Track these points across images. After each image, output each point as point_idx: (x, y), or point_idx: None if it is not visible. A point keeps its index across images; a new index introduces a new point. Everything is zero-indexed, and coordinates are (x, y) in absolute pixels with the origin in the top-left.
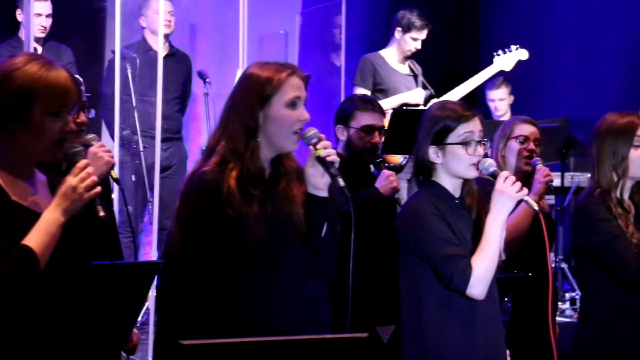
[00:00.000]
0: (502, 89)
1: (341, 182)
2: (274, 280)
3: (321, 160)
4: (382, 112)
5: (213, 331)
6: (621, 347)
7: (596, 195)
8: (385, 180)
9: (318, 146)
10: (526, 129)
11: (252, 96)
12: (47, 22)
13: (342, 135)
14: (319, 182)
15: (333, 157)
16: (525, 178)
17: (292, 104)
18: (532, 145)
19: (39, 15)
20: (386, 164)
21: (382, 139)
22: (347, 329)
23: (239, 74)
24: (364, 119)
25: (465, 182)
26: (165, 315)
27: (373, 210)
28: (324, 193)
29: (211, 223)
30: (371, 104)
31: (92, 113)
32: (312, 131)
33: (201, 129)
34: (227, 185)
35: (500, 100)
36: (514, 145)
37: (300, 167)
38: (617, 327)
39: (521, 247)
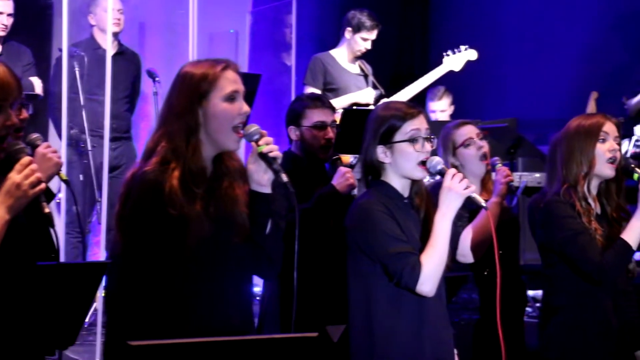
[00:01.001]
0: (443, 100)
1: (284, 178)
2: (218, 280)
3: (263, 157)
4: (332, 108)
5: (159, 332)
6: (587, 343)
7: (562, 192)
8: (342, 177)
9: (260, 142)
10: (465, 131)
11: (189, 94)
12: (8, 21)
13: (295, 136)
14: (261, 179)
15: (275, 153)
16: (483, 180)
17: (231, 98)
18: (480, 143)
19: (0, 13)
20: (341, 161)
21: (335, 134)
22: (292, 329)
23: None
24: (315, 116)
25: (414, 181)
26: (113, 316)
27: (331, 207)
28: (267, 189)
29: (153, 223)
30: (320, 101)
31: (31, 110)
32: (254, 128)
33: (151, 128)
34: (169, 184)
35: (441, 112)
36: (464, 151)
37: (243, 166)
38: (584, 323)
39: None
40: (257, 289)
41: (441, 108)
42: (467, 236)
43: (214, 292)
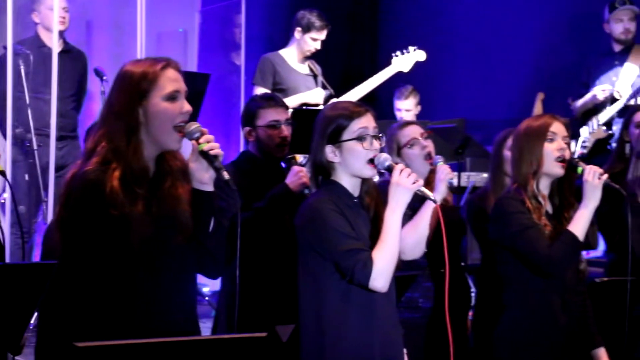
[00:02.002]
0: (410, 100)
1: (226, 175)
2: (161, 280)
3: (205, 155)
4: (285, 106)
5: (102, 333)
6: (535, 341)
7: (512, 190)
8: (294, 176)
9: (201, 140)
10: (410, 131)
11: (129, 93)
12: None
13: (251, 137)
14: (203, 177)
15: (216, 151)
16: (426, 177)
17: (172, 97)
18: (424, 143)
19: None
20: (296, 160)
21: (290, 132)
22: (235, 329)
23: None
24: (269, 115)
25: (364, 181)
26: (50, 318)
27: (284, 206)
28: (209, 187)
29: (94, 224)
30: (273, 100)
31: None
32: (194, 126)
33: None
34: (110, 185)
35: (407, 111)
36: (409, 151)
37: (186, 165)
38: (532, 320)
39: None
40: (206, 289)
41: (406, 107)
42: (407, 233)
43: (157, 292)
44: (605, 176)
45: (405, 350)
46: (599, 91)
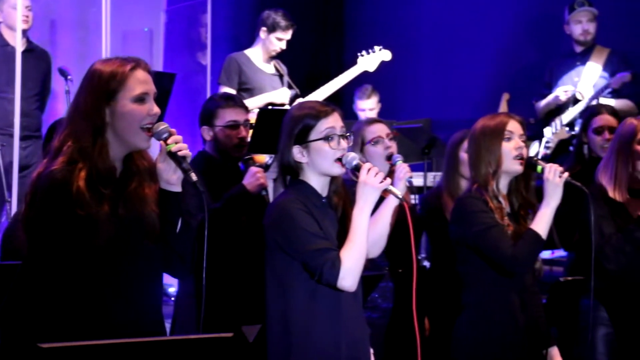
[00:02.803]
0: (371, 99)
1: (193, 177)
2: (128, 280)
3: (172, 155)
4: (245, 107)
5: (68, 334)
6: (495, 340)
7: (473, 190)
8: (252, 177)
9: (169, 141)
10: (376, 129)
11: (96, 93)
12: None
13: (208, 136)
14: (171, 178)
15: (185, 152)
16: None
17: (140, 99)
18: (388, 143)
19: None
20: (254, 160)
21: (249, 133)
22: (200, 329)
23: None
24: (227, 115)
25: (332, 181)
26: (13, 319)
27: (240, 207)
28: (177, 188)
29: (60, 224)
30: (232, 100)
31: None
32: (163, 126)
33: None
34: (76, 185)
35: (370, 110)
36: (372, 149)
37: (153, 165)
38: (491, 320)
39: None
40: (172, 289)
41: (369, 106)
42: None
43: (123, 293)
44: (566, 174)
45: (372, 350)
46: (561, 92)
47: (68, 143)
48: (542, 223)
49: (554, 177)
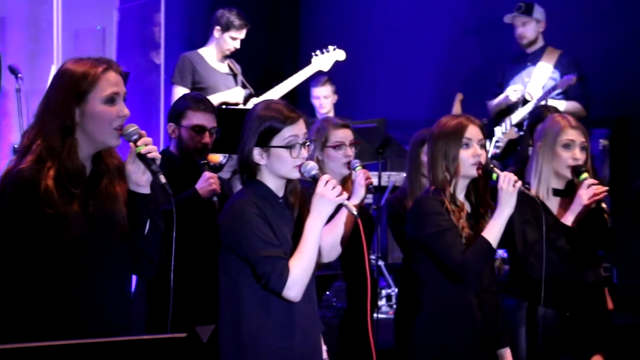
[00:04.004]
0: (326, 87)
1: (162, 179)
2: (96, 279)
3: (142, 157)
4: (214, 113)
5: (35, 334)
6: (453, 339)
7: (431, 191)
8: (205, 182)
9: (139, 143)
10: (341, 135)
11: (66, 93)
12: None
13: (174, 134)
14: (140, 179)
15: (154, 154)
16: (344, 179)
17: (111, 100)
18: (349, 151)
19: None
20: (210, 165)
21: (213, 140)
22: (168, 329)
23: (53, 69)
24: (195, 118)
25: (289, 181)
26: None
27: (191, 211)
28: (145, 190)
29: (28, 222)
30: (203, 104)
31: None
32: (133, 127)
33: (13, 126)
34: (45, 184)
35: (325, 98)
36: (332, 153)
37: (122, 164)
38: (449, 319)
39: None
40: None
41: (324, 94)
42: (323, 236)
43: (91, 292)
44: (519, 183)
45: (325, 348)
46: (511, 92)
47: (37, 142)
48: (493, 232)
49: (508, 186)
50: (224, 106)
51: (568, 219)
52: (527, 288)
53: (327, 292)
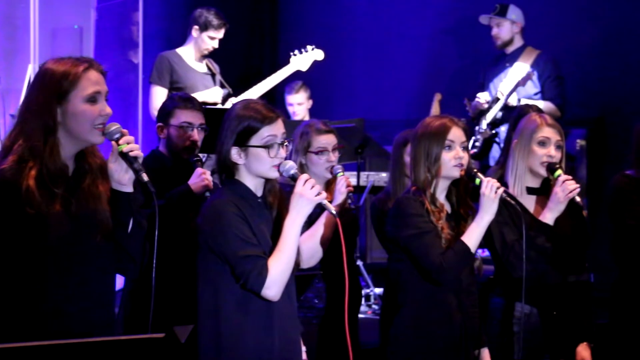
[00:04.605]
0: (300, 94)
1: (145, 177)
2: (80, 279)
3: (124, 156)
4: (202, 111)
5: (17, 333)
6: (432, 339)
7: (412, 191)
8: (197, 178)
9: (120, 141)
10: (324, 140)
11: (48, 93)
12: None
13: (162, 133)
14: (122, 178)
15: (136, 152)
16: (327, 183)
17: (92, 99)
18: (332, 157)
19: None
20: (202, 162)
21: (202, 137)
22: (149, 329)
23: (30, 69)
24: (183, 116)
25: (268, 181)
26: None
27: (182, 206)
28: (128, 188)
29: (10, 222)
30: (191, 102)
31: None
32: (115, 126)
33: None
34: (26, 184)
35: (298, 105)
36: (315, 158)
37: (105, 163)
38: (429, 319)
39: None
40: None
41: (298, 101)
42: (303, 243)
43: (74, 291)
44: (502, 190)
45: (304, 348)
46: (481, 99)
47: (19, 142)
48: (473, 237)
49: (490, 193)
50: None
51: (547, 217)
52: (509, 287)
53: (308, 293)
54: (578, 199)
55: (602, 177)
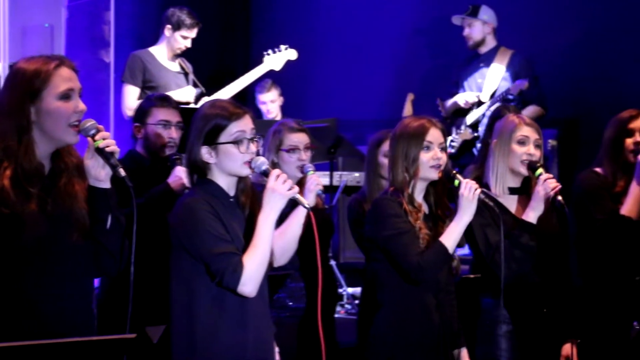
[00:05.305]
0: (272, 92)
1: (122, 172)
2: (56, 278)
3: (100, 151)
4: (178, 109)
5: None
6: (410, 339)
7: (390, 192)
8: (176, 176)
9: (97, 137)
10: (295, 139)
11: (20, 92)
12: None
13: (139, 133)
14: (99, 174)
15: (112, 148)
16: (299, 182)
17: (66, 96)
18: (303, 156)
19: None
20: (182, 160)
21: (179, 135)
22: (127, 329)
23: (0, 67)
24: (160, 114)
25: (240, 180)
26: None
27: (162, 204)
28: (106, 184)
29: None
30: (167, 101)
31: None
32: (90, 122)
33: None
34: (1, 184)
35: (271, 102)
36: (286, 157)
37: (82, 162)
38: (406, 319)
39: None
40: None
41: (270, 99)
42: (275, 240)
43: (50, 291)
44: (479, 191)
45: (277, 349)
46: (462, 100)
47: None
48: (451, 237)
49: (469, 194)
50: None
51: (529, 216)
52: (496, 287)
53: (280, 294)
54: (560, 197)
55: (573, 177)
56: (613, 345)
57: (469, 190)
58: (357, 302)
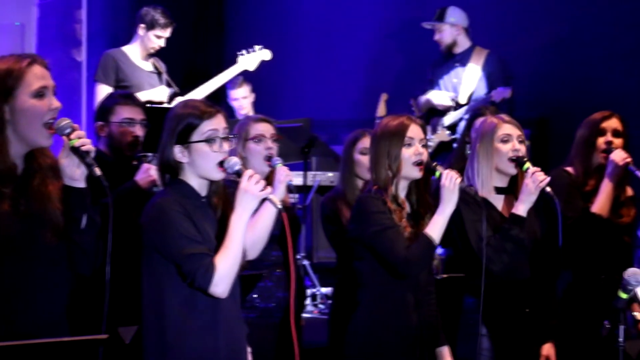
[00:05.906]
0: (243, 88)
1: (97, 172)
2: (30, 279)
3: (76, 150)
4: (142, 107)
5: None
6: (388, 337)
7: (373, 190)
8: (144, 173)
9: (72, 136)
10: (261, 128)
11: None
12: None
13: (103, 132)
14: (74, 173)
15: (88, 147)
16: (266, 177)
17: (39, 94)
18: (269, 144)
19: None
20: (148, 158)
21: (144, 133)
22: (103, 329)
23: None
24: (124, 112)
25: (212, 181)
26: None
27: (130, 203)
28: (81, 184)
29: None
30: (131, 99)
31: None
32: (65, 121)
33: None
34: None
35: (243, 99)
36: (253, 146)
37: (56, 162)
38: (386, 317)
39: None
40: None
41: (242, 95)
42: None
43: (23, 291)
44: (459, 180)
45: (249, 349)
46: (437, 100)
47: None
48: (436, 229)
49: (450, 184)
50: (148, 105)
51: (519, 209)
52: (485, 285)
53: (250, 294)
54: (549, 189)
55: None
56: (585, 344)
57: (449, 181)
58: (330, 301)
